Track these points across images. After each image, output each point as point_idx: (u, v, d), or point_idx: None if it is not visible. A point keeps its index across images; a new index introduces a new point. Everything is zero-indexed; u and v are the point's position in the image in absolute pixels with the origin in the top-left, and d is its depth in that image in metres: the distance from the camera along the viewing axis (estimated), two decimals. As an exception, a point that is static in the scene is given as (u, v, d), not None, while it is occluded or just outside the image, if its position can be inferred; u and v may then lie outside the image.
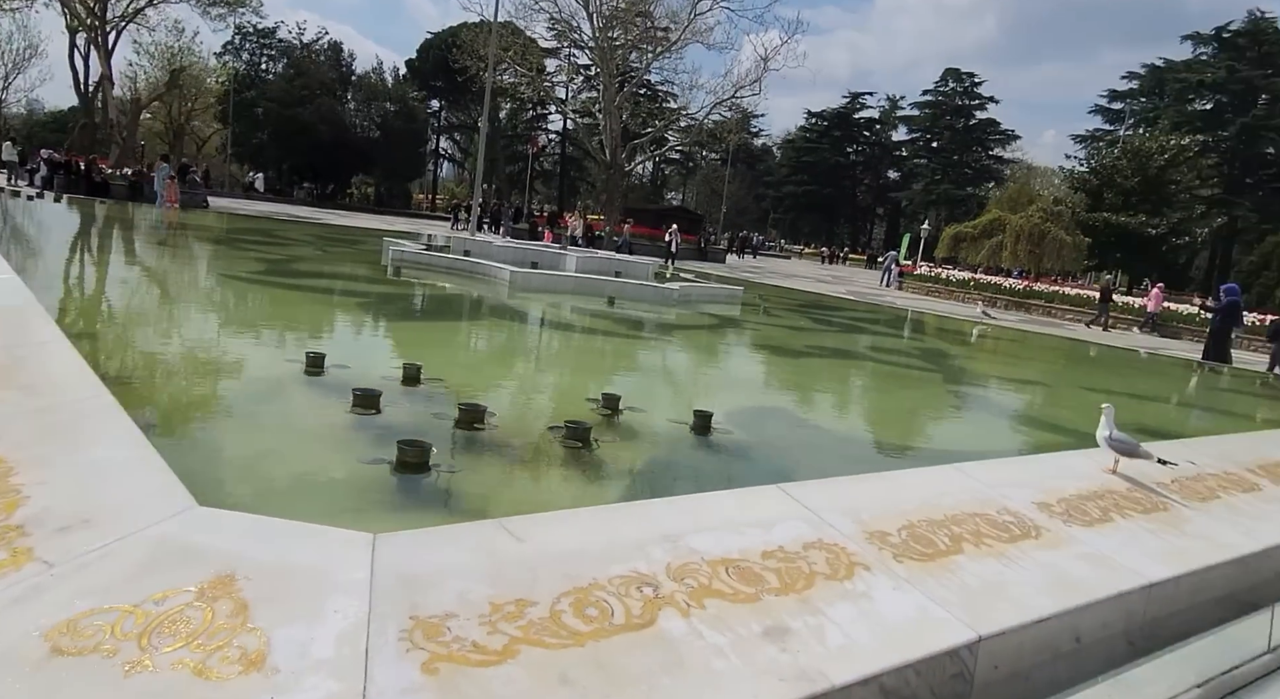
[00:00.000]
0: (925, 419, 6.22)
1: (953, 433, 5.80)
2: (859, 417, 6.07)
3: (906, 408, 6.56)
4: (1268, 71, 49.25)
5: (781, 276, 31.96)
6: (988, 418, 6.80)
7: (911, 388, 7.68)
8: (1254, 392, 10.98)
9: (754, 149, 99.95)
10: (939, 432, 5.86)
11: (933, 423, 6.14)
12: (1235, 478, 4.67)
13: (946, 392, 7.64)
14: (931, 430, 5.91)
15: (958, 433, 5.84)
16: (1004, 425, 6.37)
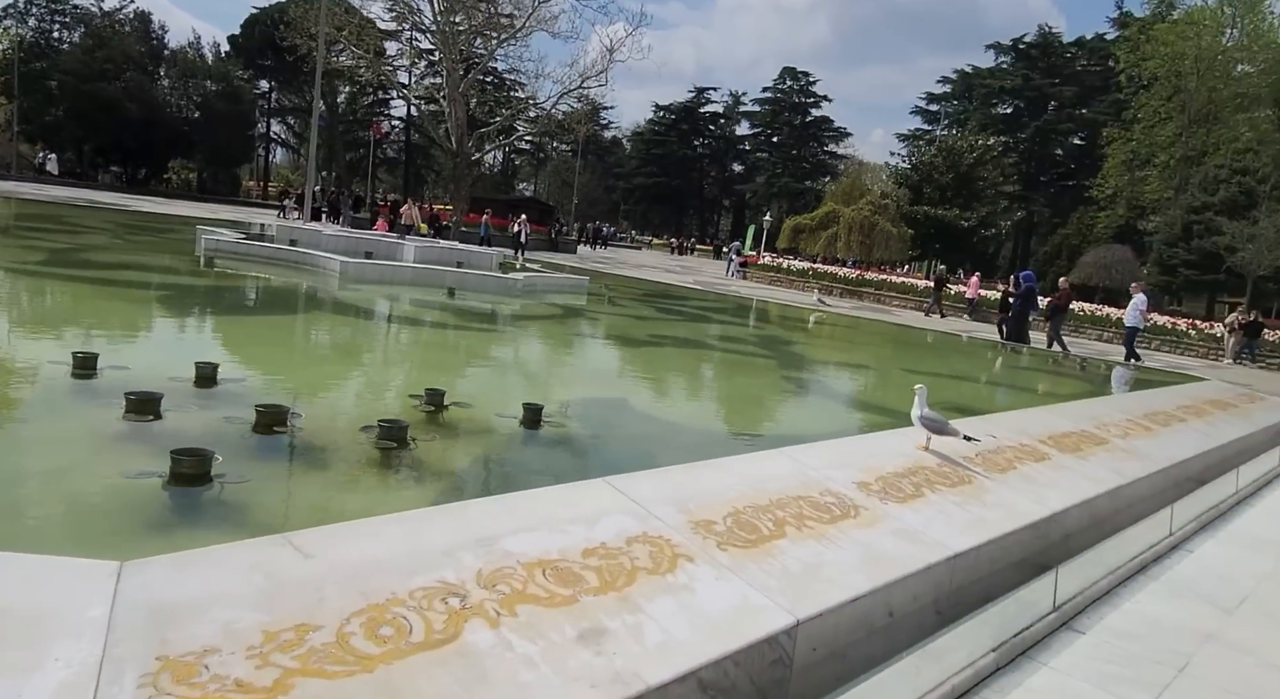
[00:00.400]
0: (760, 405, 6.38)
1: (785, 418, 5.97)
2: (696, 405, 6.11)
3: (743, 395, 6.70)
4: (1055, 80, 55.12)
5: (631, 267, 32.27)
6: (819, 402, 7.07)
7: (749, 375, 7.88)
8: (1046, 368, 12.20)
9: (604, 141, 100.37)
10: (772, 417, 6.02)
11: (767, 409, 6.30)
12: (1029, 449, 5.08)
13: (782, 378, 7.91)
14: (765, 416, 6.06)
15: (790, 418, 6.02)
16: (833, 408, 6.64)
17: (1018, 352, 13.09)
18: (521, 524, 2.57)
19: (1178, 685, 2.76)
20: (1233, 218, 30.48)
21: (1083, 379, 11.13)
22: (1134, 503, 5.21)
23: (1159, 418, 7.17)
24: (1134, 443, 6.04)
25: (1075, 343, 21.54)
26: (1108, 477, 5.02)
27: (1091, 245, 42.11)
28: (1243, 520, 5.17)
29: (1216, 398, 8.99)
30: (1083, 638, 3.08)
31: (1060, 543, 4.29)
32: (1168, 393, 8.56)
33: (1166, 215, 36.40)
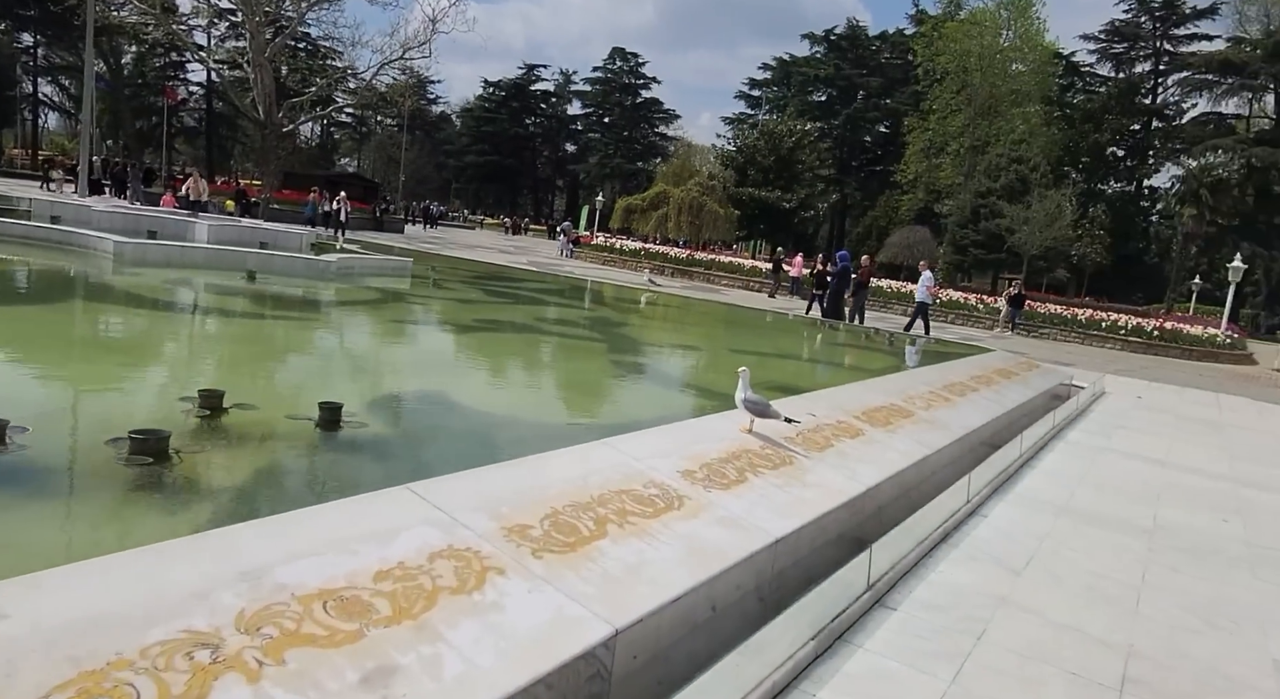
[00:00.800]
0: (590, 393, 6.21)
1: (614, 405, 5.84)
2: (523, 395, 5.80)
3: (573, 382, 6.50)
4: (863, 71, 59.02)
5: (463, 247, 31.24)
6: (648, 386, 7.00)
7: (580, 360, 7.70)
8: (861, 344, 12.99)
9: (432, 116, 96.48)
10: (601, 405, 5.86)
11: (596, 396, 6.14)
12: (845, 425, 5.26)
13: (613, 362, 7.80)
14: (594, 404, 5.90)
15: (619, 404, 5.90)
16: (662, 393, 6.59)
17: (835, 329, 13.83)
18: (300, 549, 2.23)
19: (977, 653, 2.88)
20: (1011, 202, 34.05)
21: (891, 353, 11.90)
22: (938, 471, 5.54)
23: (956, 388, 7.74)
24: (936, 414, 6.45)
25: (883, 318, 23.22)
26: (914, 448, 5.30)
27: (897, 227, 45.67)
28: (1026, 482, 5.64)
29: (1002, 367, 9.89)
30: (894, 615, 3.16)
31: (874, 516, 4.45)
32: (963, 364, 9.30)
33: (958, 199, 40.09)
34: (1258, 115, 48.63)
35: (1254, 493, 6.23)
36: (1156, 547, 4.52)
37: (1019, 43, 45.11)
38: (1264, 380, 18.54)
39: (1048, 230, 31.74)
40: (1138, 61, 51.41)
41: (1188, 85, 49.23)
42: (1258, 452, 8.23)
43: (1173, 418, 9.87)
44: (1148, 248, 50.86)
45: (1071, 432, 7.95)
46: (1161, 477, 6.37)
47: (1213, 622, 3.52)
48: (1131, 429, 8.55)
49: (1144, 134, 51.16)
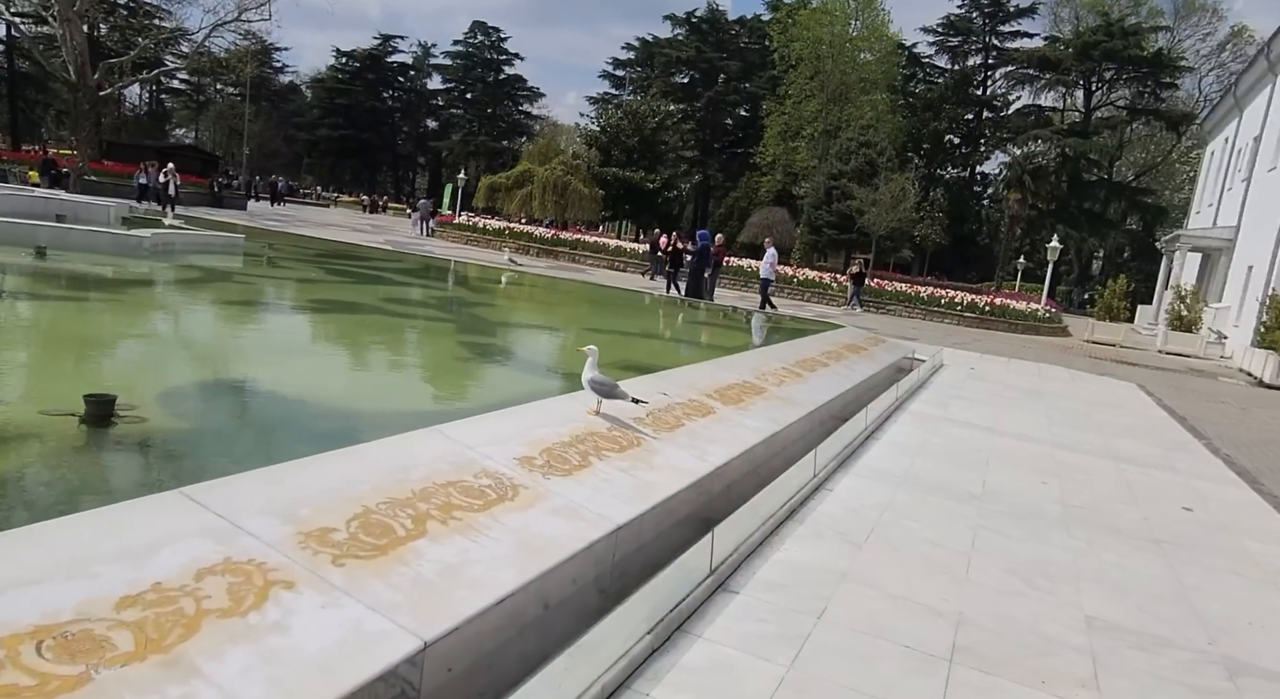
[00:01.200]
0: (428, 377, 5.82)
1: (454, 389, 5.49)
2: (349, 381, 5.28)
3: (411, 365, 6.08)
4: (723, 55, 60.13)
5: (314, 226, 29.37)
6: (495, 368, 6.68)
7: (422, 342, 7.26)
8: (718, 322, 13.17)
9: (279, 86, 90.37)
10: (439, 390, 5.49)
11: (435, 380, 5.77)
12: (697, 404, 5.19)
13: (459, 343, 7.43)
14: (431, 389, 5.52)
15: (460, 389, 5.56)
16: (509, 375, 6.29)
17: (696, 307, 13.95)
18: (16, 576, 1.83)
19: (817, 634, 2.83)
20: (861, 185, 35.79)
21: (747, 331, 12.12)
22: (788, 446, 5.59)
23: (807, 364, 7.91)
24: (788, 390, 6.53)
25: (745, 297, 23.80)
26: (765, 425, 5.31)
27: (757, 207, 46.98)
28: (871, 453, 5.79)
29: (851, 342, 10.26)
30: (737, 598, 3.07)
31: (723, 495, 4.39)
32: (814, 341, 9.55)
33: (813, 182, 41.70)
34: (1070, 108, 53.44)
35: (1067, 454, 6.71)
36: (985, 511, 4.72)
37: (866, 32, 47.29)
38: (1077, 351, 20.40)
39: (893, 212, 33.58)
40: (970, 55, 55.13)
41: (1012, 79, 53.35)
42: (1071, 416, 8.93)
43: (1001, 387, 10.57)
44: (980, 229, 54.97)
45: (913, 403, 8.31)
46: (991, 443, 6.74)
47: (1033, 582, 3.67)
48: (966, 399, 9.07)
49: (976, 123, 55.05)
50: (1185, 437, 8.70)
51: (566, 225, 38.90)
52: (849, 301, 25.35)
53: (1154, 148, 55.69)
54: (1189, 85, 53.27)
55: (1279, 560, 4.57)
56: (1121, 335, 23.14)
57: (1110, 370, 15.83)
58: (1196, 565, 4.28)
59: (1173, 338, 22.49)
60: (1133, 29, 47.44)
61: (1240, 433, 9.80)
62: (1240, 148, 29.08)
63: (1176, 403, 11.75)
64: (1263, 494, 6.32)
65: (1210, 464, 7.27)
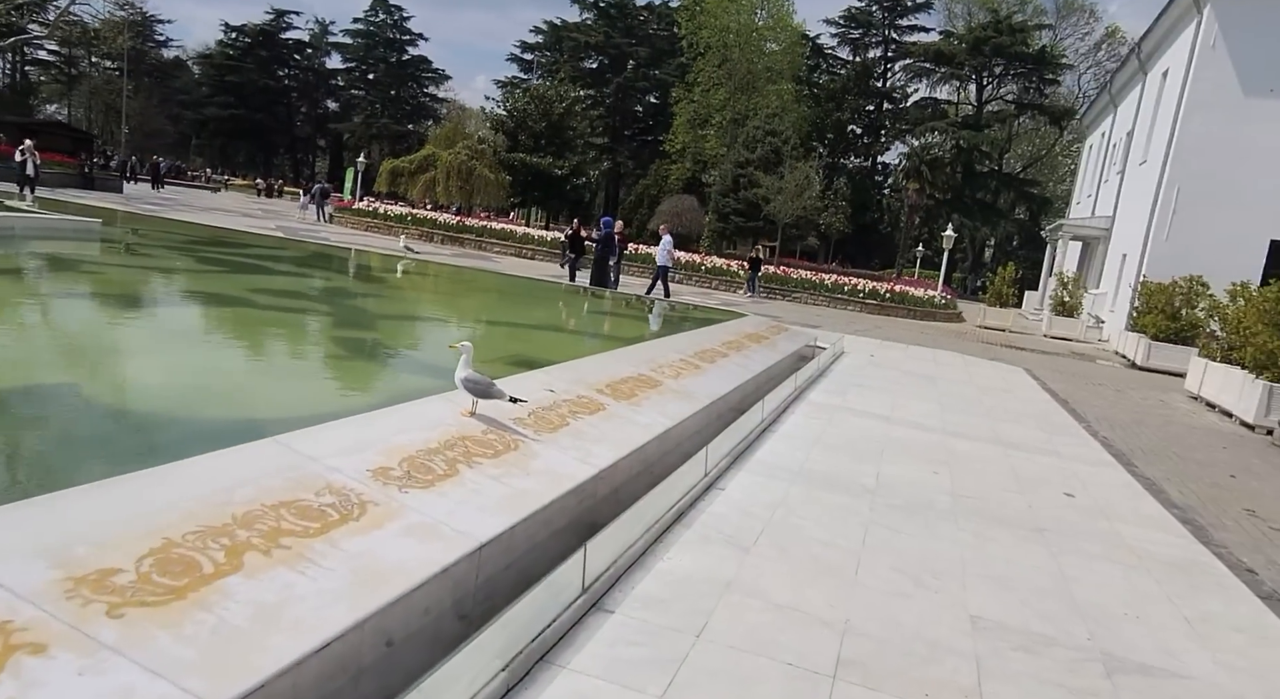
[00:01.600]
0: (285, 377, 5.26)
1: (314, 392, 4.97)
2: (188, 386, 4.45)
3: (269, 365, 5.49)
4: (632, 41, 59.81)
5: (197, 211, 27.57)
6: (369, 367, 6.15)
7: (290, 338, 6.67)
8: (621, 311, 12.94)
9: (163, 60, 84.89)
10: (295, 392, 4.94)
11: (293, 381, 5.21)
12: (586, 401, 4.93)
13: (332, 339, 6.89)
14: (286, 391, 4.97)
15: (321, 391, 5.06)
16: (385, 373, 5.80)
17: (600, 296, 13.67)
18: None
19: (695, 656, 2.62)
20: (767, 173, 36.23)
21: (648, 320, 11.93)
22: (683, 442, 5.40)
23: (707, 355, 7.77)
24: (685, 383, 6.36)
25: (646, 285, 23.69)
26: (658, 421, 5.10)
27: (666, 195, 47.03)
28: (767, 447, 5.67)
29: (752, 331, 10.21)
30: (611, 619, 2.83)
31: (610, 499, 4.16)
32: (715, 330, 9.44)
33: (720, 170, 42.00)
34: (964, 102, 55.68)
35: (958, 442, 6.80)
36: (877, 505, 4.66)
37: (771, 22, 47.87)
38: (970, 336, 21.20)
39: (798, 200, 34.15)
40: (871, 47, 56.66)
41: (910, 72, 55.13)
42: (963, 402, 9.13)
43: (899, 374, 10.75)
44: (882, 218, 56.74)
45: (812, 392, 8.30)
46: (886, 433, 6.76)
47: (921, 581, 3.59)
48: (864, 387, 9.14)
49: (877, 114, 56.68)
50: (1067, 420, 9.02)
51: (473, 212, 37.90)
52: (746, 287, 25.60)
53: (1039, 141, 58.69)
54: (1069, 82, 56.39)
55: (1150, 545, 4.68)
56: (1010, 320, 24.21)
57: (1000, 355, 16.47)
58: (1077, 554, 4.31)
59: (1056, 323, 23.68)
60: (1019, 26, 49.68)
61: (1116, 414, 10.27)
62: (1115, 142, 30.85)
63: (1059, 386, 12.26)
64: (1136, 476, 6.55)
65: (1089, 446, 7.52)
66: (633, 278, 24.90)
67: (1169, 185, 21.12)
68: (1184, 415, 11.16)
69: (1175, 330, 16.79)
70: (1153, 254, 21.28)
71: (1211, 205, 20.48)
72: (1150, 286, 18.56)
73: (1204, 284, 16.56)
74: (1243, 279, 13.79)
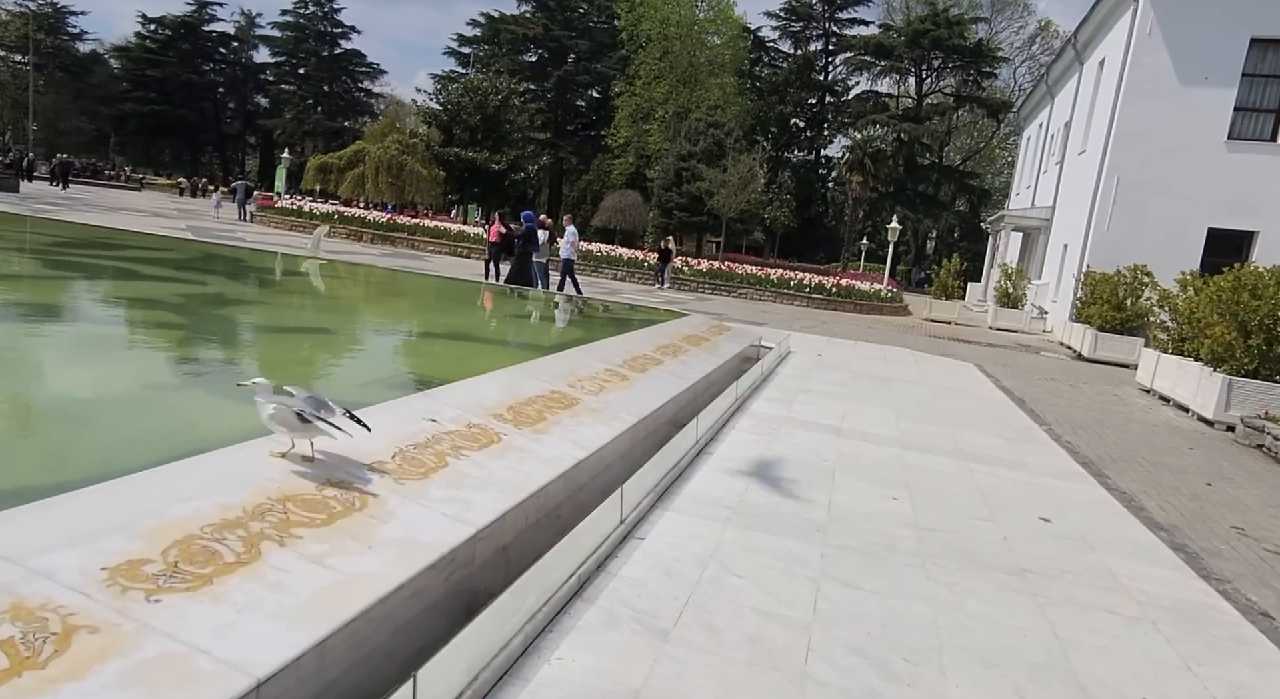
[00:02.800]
0: (69, 419, 3.95)
1: (85, 439, 3.58)
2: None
3: (65, 400, 4.18)
4: (572, 33, 58.67)
5: (102, 211, 25.65)
6: (192, 397, 4.59)
7: (116, 361, 5.31)
8: (545, 314, 11.88)
9: (76, 54, 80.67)
10: (59, 440, 3.62)
11: (62, 424, 3.88)
12: (477, 431, 4.01)
13: (168, 360, 5.61)
14: (47, 441, 3.70)
15: (98, 437, 3.69)
16: (212, 406, 4.39)
17: (523, 296, 12.68)
18: None
19: None
20: (710, 166, 35.49)
21: (576, 324, 10.95)
22: (601, 473, 4.54)
23: (637, 363, 6.90)
24: (608, 398, 5.48)
25: (593, 283, 22.77)
26: (568, 452, 4.21)
27: (610, 191, 46.09)
28: (698, 478, 4.84)
29: (691, 333, 9.38)
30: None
31: (496, 561, 3.25)
32: (647, 333, 8.59)
33: (663, 163, 41.20)
34: (904, 95, 56.01)
35: (916, 456, 6.07)
36: (829, 549, 3.85)
37: (712, 14, 47.28)
38: (918, 330, 20.81)
39: (742, 193, 33.52)
40: (812, 40, 56.60)
41: (851, 65, 55.23)
42: (917, 406, 8.46)
43: (848, 376, 10.06)
44: (826, 212, 56.75)
45: (756, 401, 7.51)
46: (837, 448, 5.99)
47: (889, 668, 2.78)
48: (812, 392, 8.40)
49: (819, 107, 56.66)
50: (1027, 422, 8.42)
51: (407, 209, 36.36)
52: (655, 278, 24.92)
53: (977, 134, 59.43)
54: (1005, 75, 57.16)
55: (1147, 583, 3.98)
56: (956, 313, 23.97)
57: (949, 349, 16.01)
58: (1069, 605, 3.57)
59: (1001, 314, 23.51)
60: (956, 19, 50.06)
61: (1074, 413, 9.74)
62: (1053, 133, 30.99)
63: (1013, 382, 11.75)
64: (1110, 490, 5.91)
65: (1055, 455, 6.88)
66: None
67: (1109, 174, 21.03)
68: (1141, 411, 10.72)
69: (1121, 321, 16.56)
70: (1094, 243, 21.18)
71: (1150, 194, 20.44)
72: (1094, 277, 18.35)
73: (1148, 273, 16.35)
74: (1182, 267, 13.52)
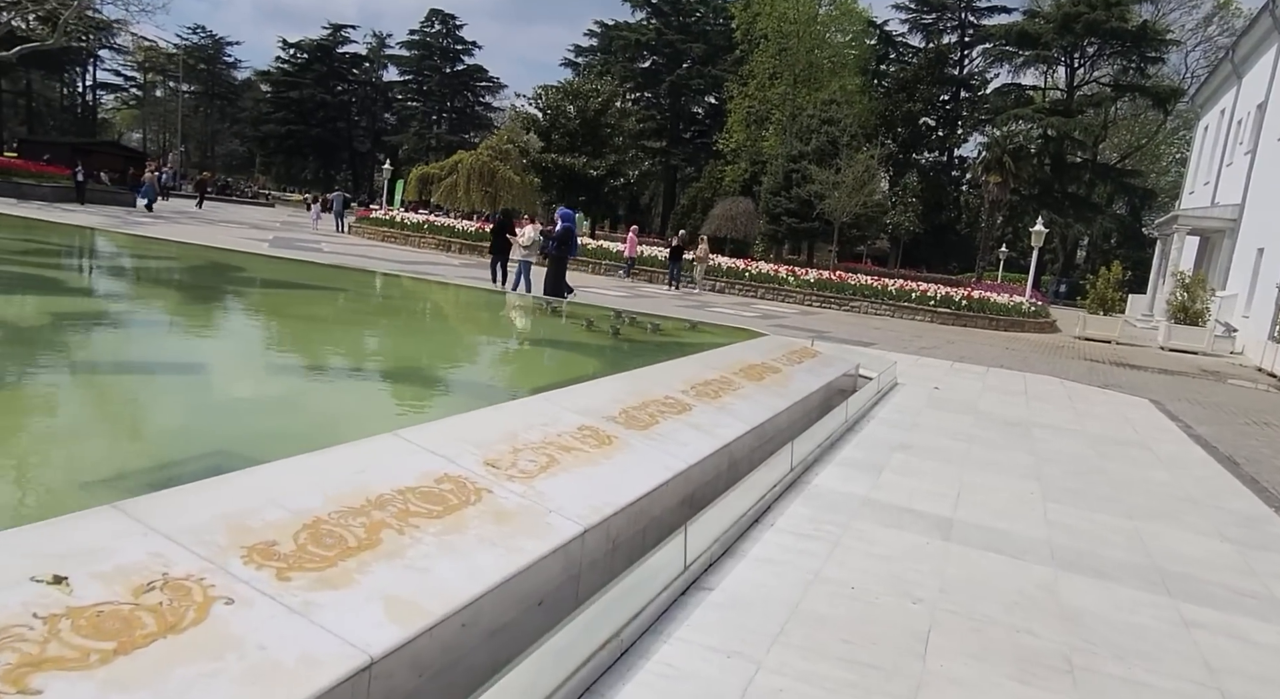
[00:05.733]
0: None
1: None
2: None
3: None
4: (686, 37, 56.83)
5: (203, 223, 26.07)
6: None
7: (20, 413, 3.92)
8: (561, 336, 9.27)
9: (231, 81, 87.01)
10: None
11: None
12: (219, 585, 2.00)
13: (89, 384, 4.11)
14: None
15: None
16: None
17: (558, 312, 10.58)
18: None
19: None
20: (821, 166, 32.35)
21: (608, 346, 8.47)
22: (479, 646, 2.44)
23: (643, 413, 4.72)
24: (544, 486, 3.36)
25: (690, 295, 20.61)
26: (376, 638, 2.14)
27: (721, 198, 43.75)
28: (661, 659, 2.61)
29: (756, 362, 7.06)
30: None
31: None
32: (687, 363, 6.36)
33: (772, 165, 38.41)
34: (1052, 87, 50.62)
35: (1077, 585, 3.59)
36: None
37: (836, 12, 44.19)
38: (1068, 350, 17.40)
39: (858, 195, 30.27)
40: (945, 32, 52.20)
41: (990, 56, 50.42)
42: (1075, 474, 5.84)
43: (972, 419, 7.47)
44: (959, 217, 52.09)
45: (826, 467, 5.18)
46: (939, 568, 3.61)
47: None
48: (915, 449, 5.95)
49: (953, 104, 52.14)
50: (1252, 503, 5.62)
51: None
52: (669, 282, 22.42)
53: (1138, 129, 53.04)
54: (1175, 61, 50.67)
55: None
56: (1118, 330, 20.18)
57: (1112, 378, 12.80)
58: None
59: (1175, 332, 19.56)
60: (1115, 1, 44.59)
61: (1319, 485, 6.72)
62: (1240, 118, 26.26)
63: (1211, 430, 8.70)
64: None
65: (1327, 581, 4.16)
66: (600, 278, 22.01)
67: (1325, 160, 16.89)
68: None
69: (1354, 345, 12.75)
70: (1307, 246, 17.08)
71: (1384, 183, 16.20)
72: (1309, 287, 14.51)
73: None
74: None
